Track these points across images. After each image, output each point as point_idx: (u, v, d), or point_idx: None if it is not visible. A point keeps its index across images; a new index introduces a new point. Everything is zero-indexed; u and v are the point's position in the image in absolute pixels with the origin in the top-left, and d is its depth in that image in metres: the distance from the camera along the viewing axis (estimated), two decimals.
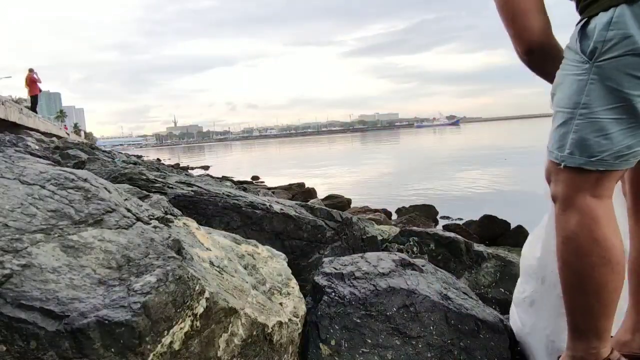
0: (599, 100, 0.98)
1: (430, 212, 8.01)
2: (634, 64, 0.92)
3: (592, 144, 1.00)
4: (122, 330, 0.74)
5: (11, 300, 0.72)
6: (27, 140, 5.98)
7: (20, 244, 0.82)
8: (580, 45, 1.00)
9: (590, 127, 0.99)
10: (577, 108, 1.01)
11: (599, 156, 1.00)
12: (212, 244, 1.27)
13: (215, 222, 1.91)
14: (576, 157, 1.02)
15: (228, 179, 13.77)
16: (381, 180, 14.34)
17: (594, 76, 0.97)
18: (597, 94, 0.98)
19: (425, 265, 1.63)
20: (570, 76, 1.03)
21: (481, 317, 1.41)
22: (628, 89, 0.94)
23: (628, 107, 0.96)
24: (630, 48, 0.91)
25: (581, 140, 1.01)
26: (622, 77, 0.94)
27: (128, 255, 0.90)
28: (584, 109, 0.99)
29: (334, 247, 2.15)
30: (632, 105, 0.95)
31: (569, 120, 1.03)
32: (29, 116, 12.03)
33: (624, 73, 0.94)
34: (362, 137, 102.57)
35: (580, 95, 1.00)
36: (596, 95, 0.98)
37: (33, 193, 0.99)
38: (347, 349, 1.27)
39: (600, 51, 0.95)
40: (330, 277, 1.45)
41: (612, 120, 0.97)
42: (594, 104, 0.98)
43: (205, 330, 0.89)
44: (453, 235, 2.49)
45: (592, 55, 0.97)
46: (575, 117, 1.01)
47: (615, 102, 0.96)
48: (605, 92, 0.97)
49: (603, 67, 0.96)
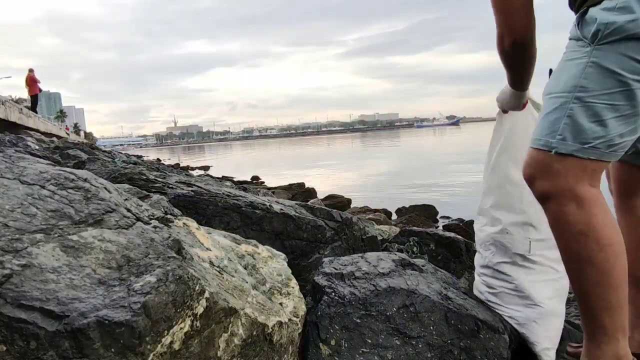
0: (597, 83, 0.95)
1: (430, 212, 8.01)
2: (636, 48, 0.91)
3: (586, 129, 0.96)
4: (122, 330, 0.74)
5: (11, 300, 0.72)
6: (27, 140, 5.98)
7: (20, 244, 0.82)
8: (581, 31, 0.98)
9: (585, 112, 0.96)
10: (573, 92, 0.97)
11: (592, 143, 0.96)
12: (212, 244, 1.27)
13: (215, 222, 1.91)
14: (569, 143, 0.98)
15: (228, 179, 13.77)
16: (381, 180, 14.35)
17: (593, 59, 0.95)
18: (595, 77, 0.95)
19: (425, 265, 1.63)
20: (569, 62, 1.01)
21: (481, 317, 1.41)
22: (628, 72, 0.92)
23: (626, 92, 0.93)
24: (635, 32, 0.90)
25: (575, 124, 0.97)
26: (623, 60, 0.92)
27: (128, 255, 0.90)
28: (581, 92, 0.96)
29: (334, 247, 2.15)
30: (631, 91, 0.93)
31: (563, 105, 0.99)
32: (29, 116, 12.03)
33: (626, 56, 0.92)
34: (362, 137, 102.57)
35: (577, 79, 0.97)
36: (594, 79, 0.95)
37: (33, 193, 0.99)
38: (347, 349, 1.27)
39: (603, 33, 0.93)
40: (330, 277, 1.45)
41: (609, 106, 0.95)
42: (590, 87, 0.95)
43: (205, 330, 0.89)
44: (453, 235, 2.49)
45: (594, 38, 0.95)
46: (571, 100, 0.98)
47: (613, 87, 0.94)
48: (603, 75, 0.94)
49: (603, 50, 0.94)
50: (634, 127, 0.97)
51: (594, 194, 1.00)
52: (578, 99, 0.97)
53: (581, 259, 1.01)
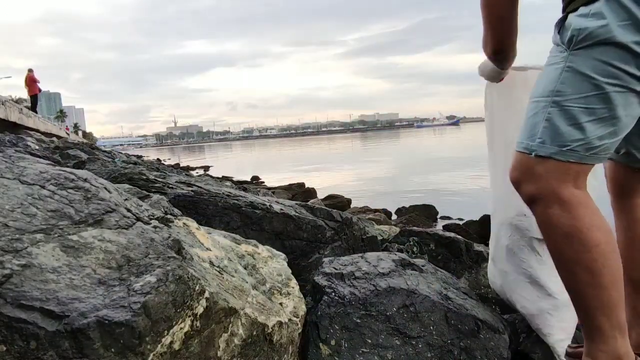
0: (573, 87, 0.98)
1: (430, 212, 8.01)
2: (609, 53, 0.93)
3: (563, 132, 0.99)
4: (122, 330, 0.74)
5: (11, 300, 0.72)
6: (27, 140, 5.98)
7: (20, 244, 0.82)
8: (561, 36, 1.02)
9: (563, 115, 0.99)
10: (550, 96, 1.00)
11: (570, 146, 0.98)
12: (212, 244, 1.27)
13: (215, 222, 1.90)
14: (547, 146, 1.00)
15: (228, 179, 13.77)
16: (381, 180, 14.34)
17: (569, 64, 0.98)
18: (571, 81, 0.98)
19: (425, 265, 1.63)
20: (549, 66, 1.04)
21: (481, 317, 1.41)
22: (602, 76, 0.94)
23: (601, 96, 0.95)
24: (605, 37, 0.92)
25: (553, 128, 1.00)
26: (596, 64, 0.95)
27: (128, 255, 0.90)
28: (557, 96, 0.99)
29: (334, 247, 2.15)
30: (606, 94, 0.95)
31: (542, 109, 1.02)
32: (29, 116, 12.04)
33: (599, 60, 0.94)
34: (362, 137, 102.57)
35: (555, 83, 1.00)
36: (570, 83, 0.98)
37: (33, 193, 0.99)
38: (347, 349, 1.27)
39: (577, 39, 0.96)
40: (330, 277, 1.45)
41: (584, 110, 0.97)
42: (567, 91, 0.98)
43: (205, 330, 0.89)
44: (453, 235, 2.48)
45: (570, 43, 0.98)
46: (549, 105, 1.00)
47: (588, 91, 0.96)
48: (579, 79, 0.97)
49: (578, 55, 0.96)
50: (613, 130, 0.99)
51: (577, 196, 1.01)
52: (555, 103, 1.00)
53: (570, 261, 1.02)
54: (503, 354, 1.37)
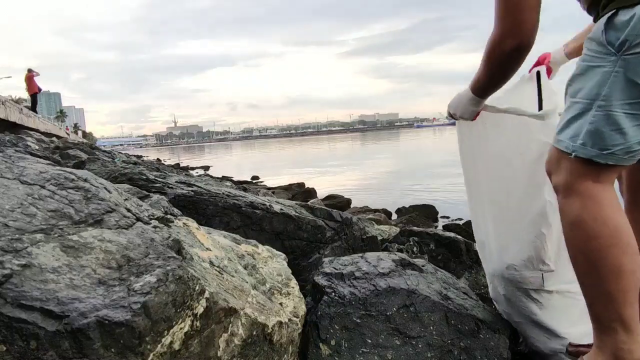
0: (619, 93, 0.97)
1: (430, 212, 8.00)
2: None
3: (606, 137, 0.99)
4: (122, 330, 0.74)
5: (11, 300, 0.72)
6: (27, 140, 5.98)
7: (20, 244, 0.82)
8: (606, 36, 0.99)
9: (607, 120, 0.99)
10: (596, 100, 1.00)
11: (611, 150, 1.00)
12: (212, 244, 1.27)
13: (215, 222, 1.91)
14: (588, 149, 1.02)
15: (228, 179, 13.76)
16: (381, 180, 14.34)
17: (619, 69, 0.96)
18: (618, 87, 0.97)
19: (425, 265, 1.63)
20: (594, 68, 1.02)
21: (481, 317, 1.41)
22: None
23: None
24: None
25: (596, 132, 1.00)
26: None
27: (128, 255, 0.90)
28: (603, 101, 0.99)
29: (334, 247, 2.15)
30: None
31: (586, 112, 1.02)
32: (29, 116, 12.04)
33: None
34: (362, 137, 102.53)
35: (602, 87, 0.99)
36: (617, 88, 0.97)
37: (33, 193, 0.99)
38: (347, 349, 1.27)
39: (631, 44, 0.94)
40: (330, 277, 1.45)
41: (630, 115, 0.97)
42: (613, 96, 0.97)
43: (205, 331, 0.89)
44: (453, 235, 2.49)
45: (621, 47, 0.95)
46: (594, 108, 1.00)
47: (635, 97, 0.96)
48: (627, 85, 0.96)
49: (629, 61, 0.95)
50: None
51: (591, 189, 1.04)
52: (601, 108, 0.99)
53: (574, 247, 1.09)
54: (503, 354, 1.37)
